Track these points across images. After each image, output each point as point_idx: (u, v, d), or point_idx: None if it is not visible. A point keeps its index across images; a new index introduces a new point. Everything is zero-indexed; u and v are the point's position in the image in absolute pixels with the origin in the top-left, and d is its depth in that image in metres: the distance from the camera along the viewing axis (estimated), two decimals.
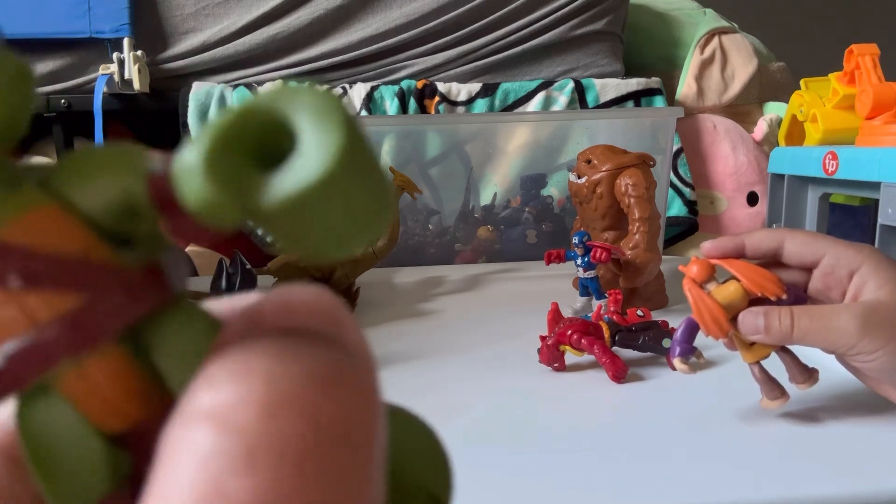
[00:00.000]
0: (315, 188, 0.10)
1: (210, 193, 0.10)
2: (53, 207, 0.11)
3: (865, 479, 0.35)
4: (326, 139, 0.10)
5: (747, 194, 1.18)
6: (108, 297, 0.11)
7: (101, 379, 0.11)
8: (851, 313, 0.37)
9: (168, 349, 0.12)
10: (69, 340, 0.11)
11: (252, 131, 0.11)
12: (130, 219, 0.11)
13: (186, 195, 0.10)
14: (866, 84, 0.76)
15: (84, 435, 0.12)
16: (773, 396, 0.40)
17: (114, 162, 0.12)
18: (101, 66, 1.07)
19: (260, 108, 0.11)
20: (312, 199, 0.10)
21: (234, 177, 0.10)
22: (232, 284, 0.48)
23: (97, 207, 0.11)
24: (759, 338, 0.38)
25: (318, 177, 0.10)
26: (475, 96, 1.07)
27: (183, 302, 0.12)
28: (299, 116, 0.11)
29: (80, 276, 0.11)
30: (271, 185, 0.10)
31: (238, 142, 0.11)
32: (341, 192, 0.10)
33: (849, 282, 0.39)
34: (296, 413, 0.10)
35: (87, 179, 0.11)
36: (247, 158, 0.11)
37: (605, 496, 0.35)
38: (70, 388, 0.11)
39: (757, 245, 0.41)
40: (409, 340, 0.61)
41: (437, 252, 0.94)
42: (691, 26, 1.23)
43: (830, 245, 0.40)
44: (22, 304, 0.11)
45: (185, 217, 0.11)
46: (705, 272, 0.40)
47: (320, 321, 0.12)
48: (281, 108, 0.11)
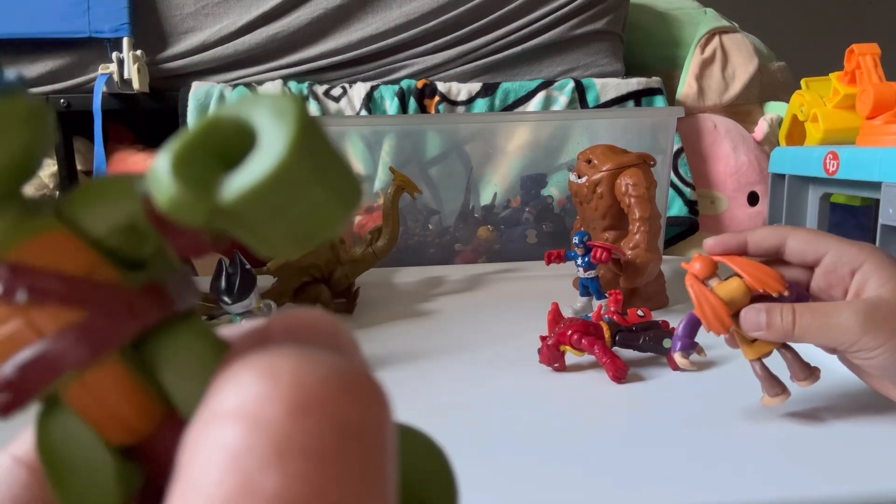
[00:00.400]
0: (271, 179, 0.11)
1: (177, 193, 0.11)
2: (62, 232, 0.12)
3: (866, 479, 0.35)
4: (281, 133, 0.11)
5: (748, 194, 1.18)
6: (109, 312, 0.12)
7: (105, 391, 0.12)
8: (853, 310, 0.37)
9: (171, 365, 0.12)
10: (73, 351, 0.12)
11: (219, 136, 0.12)
12: (136, 240, 0.12)
13: (157, 196, 0.11)
14: (867, 84, 0.76)
15: (95, 448, 0.12)
16: (774, 393, 0.40)
17: (117, 187, 0.13)
18: (101, 66, 1.07)
19: (226, 115, 0.12)
20: (270, 190, 0.11)
21: (201, 177, 0.11)
22: (231, 284, 0.48)
23: (103, 231, 0.12)
24: (760, 334, 0.38)
25: (273, 168, 0.11)
26: (475, 96, 1.07)
27: (189, 320, 0.13)
28: (259, 117, 0.11)
29: (83, 293, 0.12)
30: (232, 181, 0.11)
31: (205, 146, 0.12)
32: (298, 182, 0.11)
33: (851, 280, 0.39)
34: (322, 413, 0.10)
35: (93, 205, 0.13)
36: (214, 161, 0.11)
37: (605, 496, 0.35)
38: (76, 399, 0.12)
39: (759, 242, 0.41)
40: (409, 340, 0.61)
41: (437, 252, 0.94)
42: (692, 26, 1.23)
43: (833, 243, 0.40)
44: (29, 318, 0.12)
45: (182, 233, 0.12)
46: (708, 269, 0.40)
47: (324, 340, 0.13)
48: (244, 113, 0.12)
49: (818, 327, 0.37)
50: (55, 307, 0.12)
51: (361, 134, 0.95)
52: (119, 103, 1.11)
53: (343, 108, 1.09)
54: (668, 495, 0.35)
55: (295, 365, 0.11)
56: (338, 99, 1.09)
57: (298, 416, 0.10)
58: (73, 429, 0.12)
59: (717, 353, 0.52)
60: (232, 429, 0.10)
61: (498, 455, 0.39)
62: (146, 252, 0.13)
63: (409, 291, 0.79)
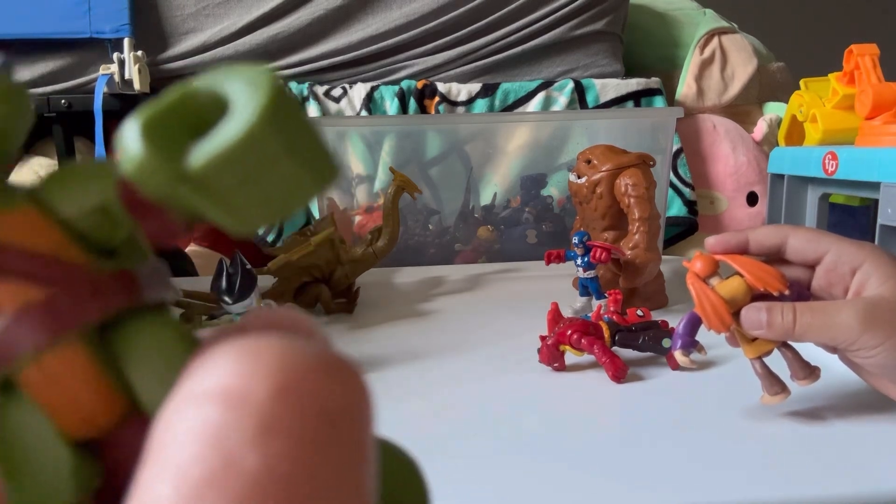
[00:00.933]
0: (239, 145, 0.11)
1: (144, 156, 0.11)
2: (31, 210, 0.12)
3: (866, 479, 0.36)
4: (251, 101, 0.11)
5: (747, 194, 1.18)
6: (72, 293, 0.12)
7: (64, 376, 0.12)
8: (853, 309, 0.37)
9: (137, 357, 0.12)
10: (32, 330, 0.11)
11: (191, 105, 0.11)
12: (108, 225, 0.12)
13: (124, 160, 0.11)
14: (866, 84, 0.76)
15: (50, 439, 0.12)
16: (774, 392, 0.40)
17: (91, 171, 0.12)
18: (102, 67, 1.07)
19: (200, 85, 0.12)
20: (238, 156, 0.11)
21: (169, 142, 0.11)
22: (232, 284, 0.48)
23: (74, 211, 0.12)
24: (761, 333, 0.39)
25: (242, 134, 0.10)
26: (475, 96, 1.07)
27: (159, 313, 0.13)
28: (231, 87, 0.11)
29: (47, 271, 0.11)
30: (201, 147, 0.11)
31: (176, 114, 0.11)
32: (268, 151, 0.11)
33: (851, 278, 0.39)
34: (307, 394, 0.11)
35: (66, 187, 0.12)
36: (184, 129, 0.11)
37: (605, 496, 0.35)
38: (34, 385, 0.12)
39: (761, 241, 0.41)
40: (409, 340, 0.61)
41: (437, 252, 0.94)
42: (691, 26, 1.23)
43: (833, 242, 0.40)
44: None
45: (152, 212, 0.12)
46: (709, 267, 0.40)
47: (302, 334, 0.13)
48: (217, 83, 0.11)
49: (819, 326, 0.37)
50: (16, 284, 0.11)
51: (362, 134, 0.95)
52: (120, 104, 1.11)
53: (343, 109, 1.09)
54: (668, 495, 0.35)
55: (279, 348, 0.11)
56: (338, 99, 1.09)
57: (283, 395, 0.10)
58: (29, 418, 0.12)
59: (716, 353, 0.52)
60: (213, 407, 0.10)
61: (498, 455, 0.39)
62: (118, 238, 0.12)
63: (409, 291, 0.79)
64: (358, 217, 0.94)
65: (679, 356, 0.42)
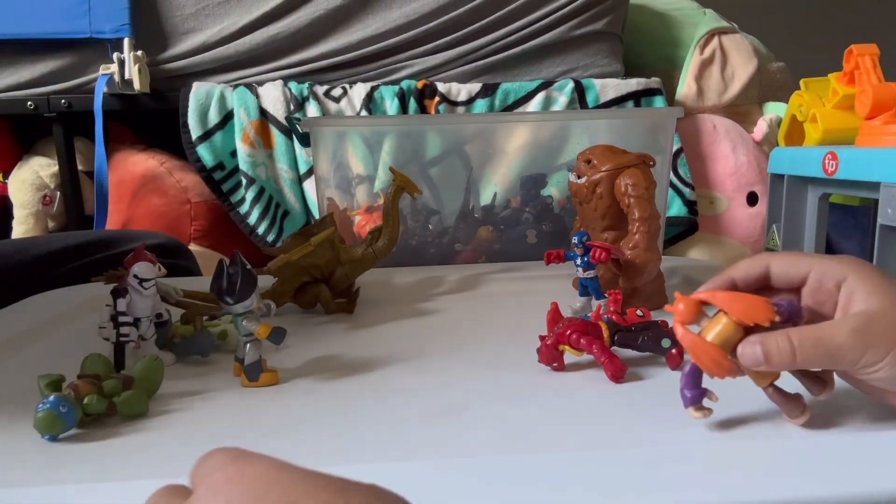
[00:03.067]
0: None
1: None
2: None
3: (866, 479, 0.36)
4: None
5: (747, 194, 1.18)
6: None
7: None
8: (849, 330, 0.37)
9: None
10: None
11: None
12: None
13: None
14: (866, 84, 0.76)
15: None
16: (795, 415, 0.40)
17: None
18: (102, 67, 1.07)
19: None
20: None
21: None
22: (232, 284, 0.48)
23: None
24: (763, 368, 0.38)
25: None
26: (475, 96, 1.07)
27: None
28: None
29: None
30: None
31: None
32: None
33: (838, 293, 0.39)
34: None
35: None
36: None
37: (604, 496, 0.35)
38: None
39: (744, 276, 0.41)
40: (409, 340, 0.61)
41: (437, 252, 0.94)
42: (691, 26, 1.23)
43: (814, 261, 0.40)
44: None
45: None
46: (692, 311, 0.39)
47: None
48: None
49: (820, 357, 0.37)
50: None
51: (362, 134, 0.95)
52: (120, 103, 1.11)
53: (343, 109, 1.09)
54: (668, 495, 0.35)
55: None
56: (338, 99, 1.09)
57: None
58: None
59: None
60: None
61: (497, 454, 0.39)
62: None
63: (409, 291, 0.79)
64: (358, 217, 0.94)
65: (692, 413, 0.41)
